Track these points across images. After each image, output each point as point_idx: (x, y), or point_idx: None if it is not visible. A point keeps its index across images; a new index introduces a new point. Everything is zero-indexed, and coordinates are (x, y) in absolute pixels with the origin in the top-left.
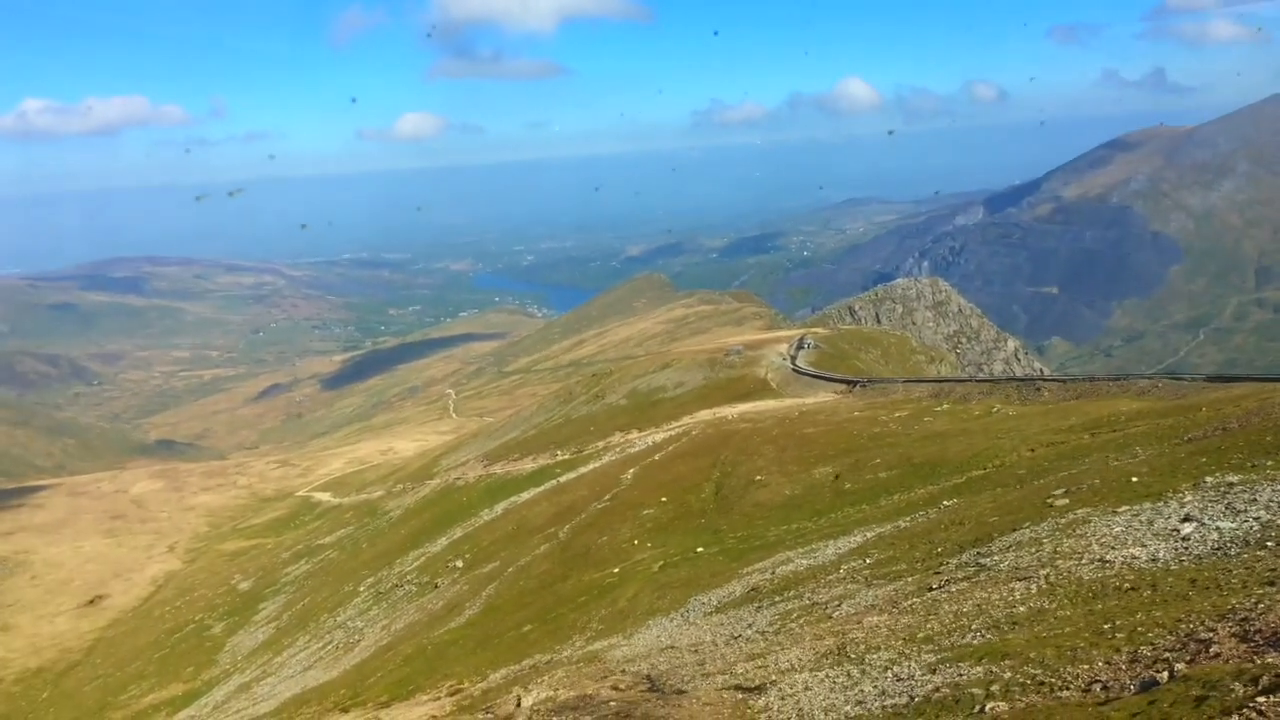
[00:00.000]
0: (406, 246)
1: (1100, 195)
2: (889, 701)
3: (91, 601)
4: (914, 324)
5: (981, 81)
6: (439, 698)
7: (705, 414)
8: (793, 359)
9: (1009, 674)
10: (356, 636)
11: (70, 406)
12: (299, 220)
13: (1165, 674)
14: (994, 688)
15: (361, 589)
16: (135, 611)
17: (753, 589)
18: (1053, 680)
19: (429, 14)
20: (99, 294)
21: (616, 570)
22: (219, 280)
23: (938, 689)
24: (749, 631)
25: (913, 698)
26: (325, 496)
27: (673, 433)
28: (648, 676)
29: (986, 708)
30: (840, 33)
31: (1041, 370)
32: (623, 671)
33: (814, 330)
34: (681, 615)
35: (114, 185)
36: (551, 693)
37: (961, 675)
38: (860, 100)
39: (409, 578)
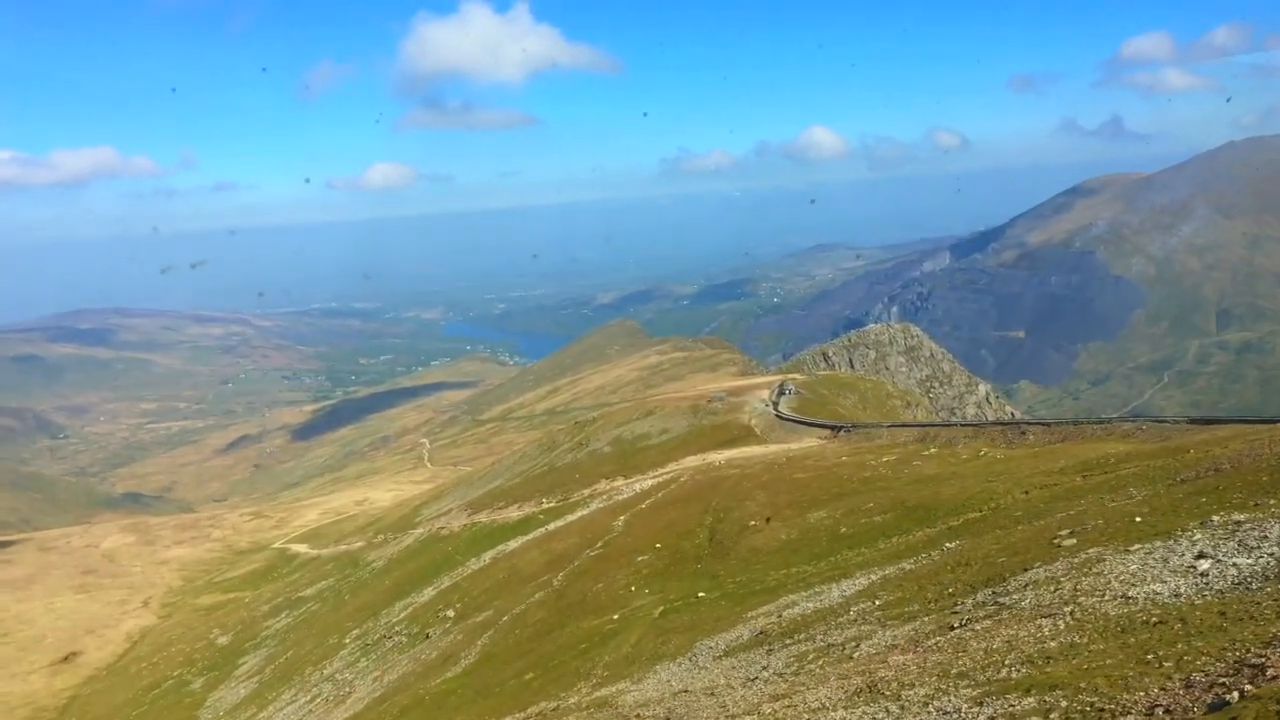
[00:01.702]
0: (376, 296)
1: (1063, 241)
2: None
3: (66, 659)
4: (887, 369)
5: (944, 130)
6: None
7: (692, 460)
8: (775, 405)
9: (1065, 702)
10: (346, 689)
11: (36, 460)
12: (268, 269)
13: (1235, 695)
14: (1052, 715)
15: (347, 641)
16: (111, 668)
17: (761, 632)
18: (1111, 707)
19: (398, 66)
20: (66, 346)
21: (616, 616)
22: (188, 331)
23: (992, 718)
24: (765, 674)
25: None
26: (303, 548)
27: (661, 479)
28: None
29: None
30: (805, 82)
31: (1013, 414)
32: (638, 717)
33: (792, 376)
34: (689, 660)
35: (81, 236)
36: None
37: (1014, 706)
38: (826, 148)
39: (398, 628)
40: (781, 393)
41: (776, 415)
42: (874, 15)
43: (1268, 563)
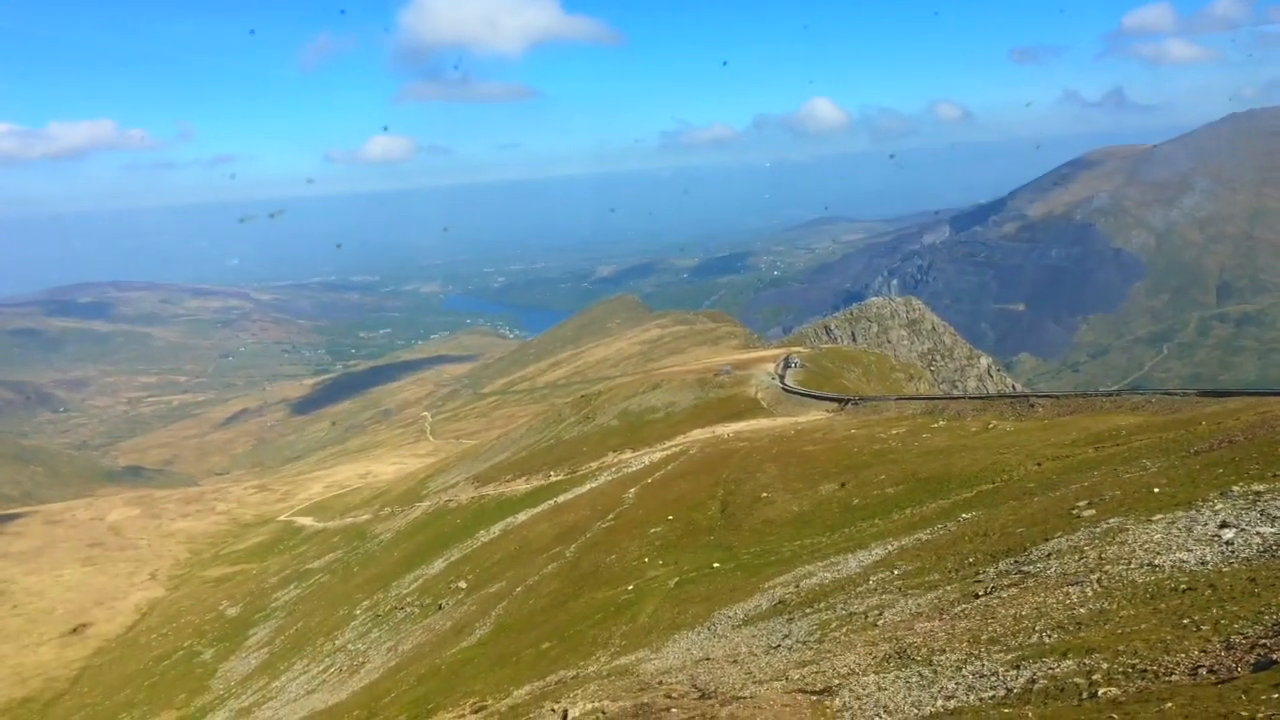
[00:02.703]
0: (375, 269)
1: (1064, 213)
2: (984, 694)
3: (75, 630)
4: (889, 342)
5: (946, 101)
6: (463, 715)
7: (699, 433)
8: (781, 378)
9: (1106, 664)
10: (360, 659)
11: (37, 434)
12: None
13: (1279, 654)
14: (1095, 676)
15: (358, 612)
16: (121, 639)
17: (779, 602)
18: (1154, 668)
19: (397, 37)
20: (64, 320)
21: (630, 587)
22: (186, 305)
23: (1034, 679)
24: (788, 642)
25: (1010, 690)
26: (308, 521)
27: (669, 452)
28: (695, 686)
29: (1099, 693)
30: (807, 54)
31: (1015, 386)
32: (659, 684)
33: (797, 350)
34: (708, 629)
35: (79, 210)
36: (595, 704)
37: (1053, 668)
38: (827, 120)
39: (409, 600)
40: (787, 366)
41: (783, 388)
42: None
43: None
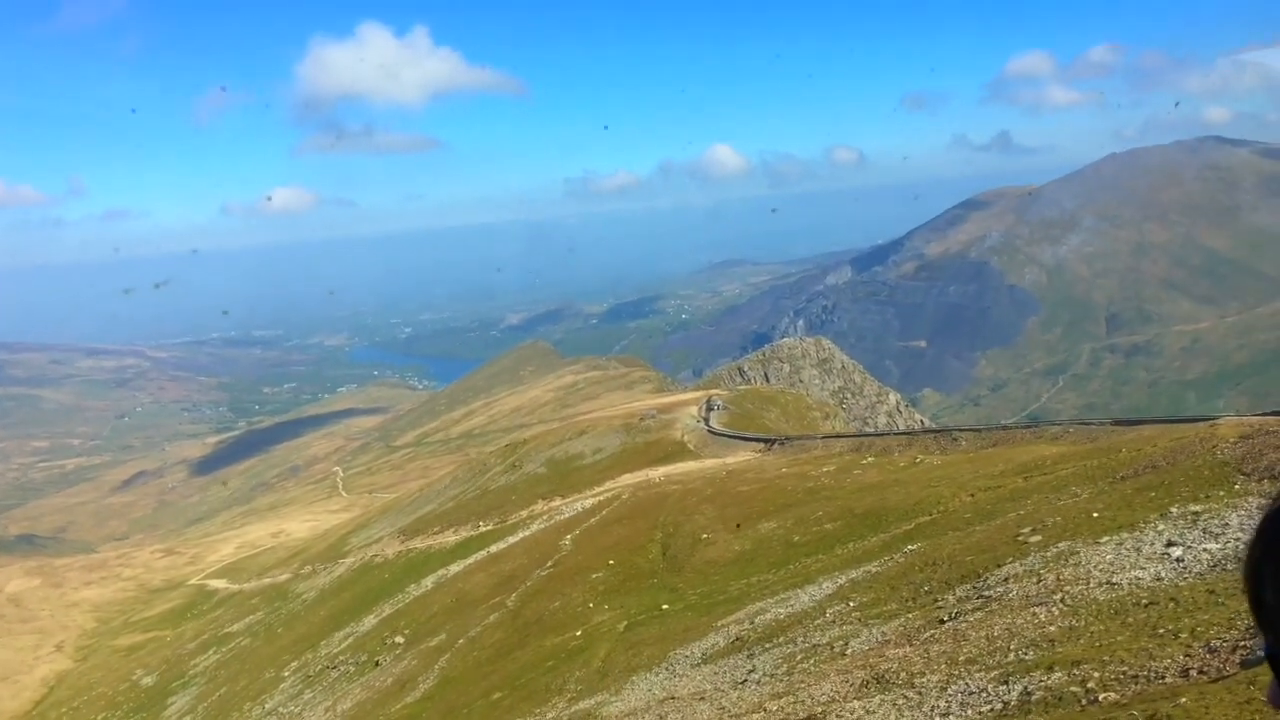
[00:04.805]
0: (278, 323)
1: (960, 252)
2: (981, 709)
3: None
4: (801, 382)
5: (842, 146)
6: None
7: (629, 478)
8: (706, 420)
9: (1097, 673)
10: None
11: None
12: (165, 298)
13: (1262, 653)
14: (1090, 685)
15: (286, 674)
16: (28, 716)
17: (736, 639)
18: (1145, 673)
19: (295, 90)
20: None
21: (579, 633)
22: (78, 365)
23: (1028, 692)
24: (754, 676)
25: (1006, 703)
26: (222, 583)
27: (601, 498)
28: None
29: (1099, 698)
30: (708, 100)
31: (923, 422)
32: None
33: (716, 392)
34: (666, 669)
35: None
36: None
37: (1044, 681)
38: (728, 166)
39: (341, 658)
40: (710, 408)
41: (709, 430)
42: (769, 35)
43: (1237, 546)
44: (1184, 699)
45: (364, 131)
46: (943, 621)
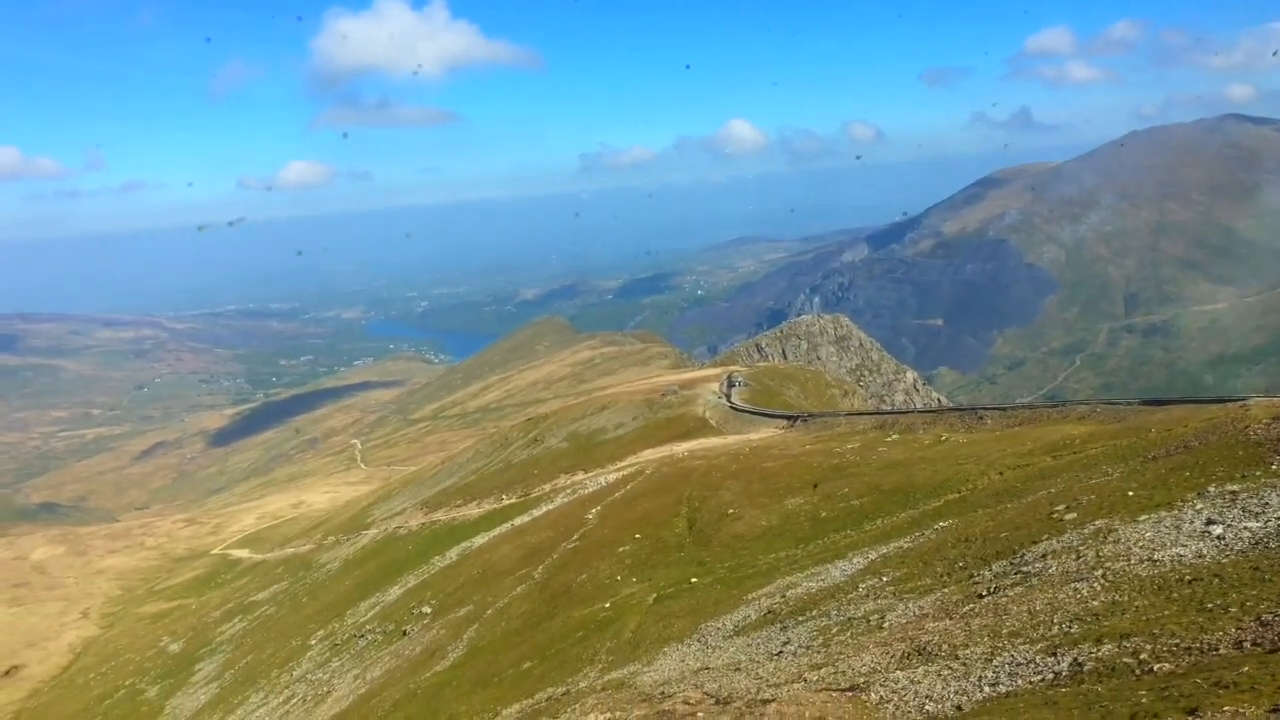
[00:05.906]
0: (294, 296)
1: (977, 230)
2: (1033, 679)
3: (7, 673)
4: (819, 359)
5: (860, 122)
6: None
7: (651, 453)
8: (728, 396)
9: (1149, 645)
10: (325, 688)
11: None
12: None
13: None
14: (1142, 656)
15: (313, 642)
16: (56, 680)
17: (769, 611)
18: (1197, 645)
19: (311, 63)
20: None
21: (608, 605)
22: (97, 335)
23: (1079, 663)
24: (789, 648)
25: (1057, 673)
26: (245, 553)
27: (625, 472)
28: (707, 694)
29: (1154, 668)
30: (725, 76)
31: (940, 400)
32: (664, 694)
33: (737, 368)
34: (698, 641)
35: None
36: (608, 716)
37: (1094, 652)
38: (746, 141)
39: (368, 627)
40: (731, 384)
41: (731, 407)
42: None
43: (1278, 525)
44: (1245, 668)
45: (380, 104)
46: (981, 596)
